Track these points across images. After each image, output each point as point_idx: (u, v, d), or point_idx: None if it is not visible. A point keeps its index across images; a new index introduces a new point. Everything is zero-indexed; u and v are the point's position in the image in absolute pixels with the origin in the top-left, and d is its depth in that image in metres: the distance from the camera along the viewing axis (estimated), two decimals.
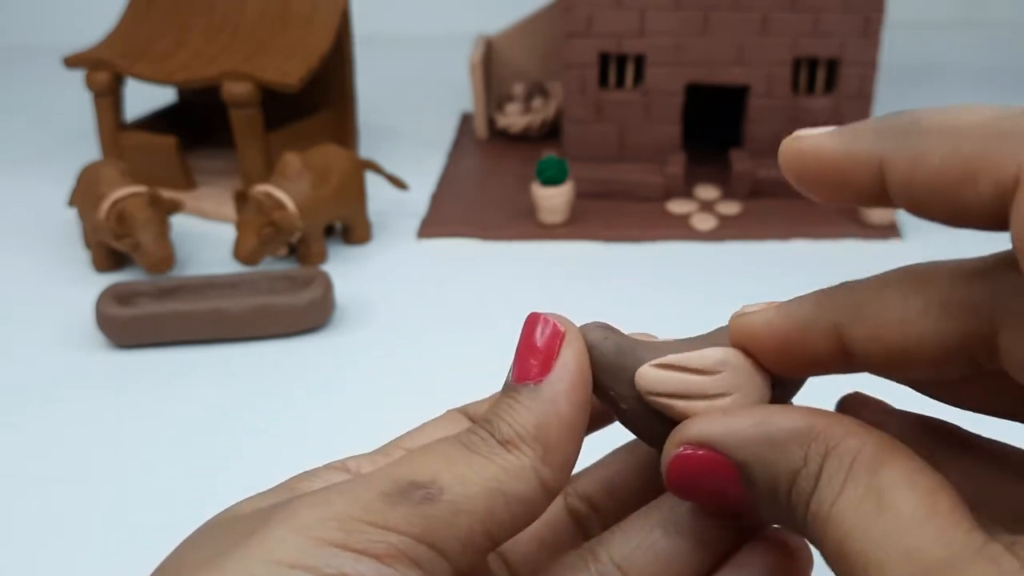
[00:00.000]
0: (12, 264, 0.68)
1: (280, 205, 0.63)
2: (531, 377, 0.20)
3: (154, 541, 0.25)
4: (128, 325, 0.56)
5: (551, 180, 0.69)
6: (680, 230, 0.70)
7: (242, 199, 0.64)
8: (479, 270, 0.66)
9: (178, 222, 0.71)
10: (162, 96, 0.86)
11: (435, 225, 0.72)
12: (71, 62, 0.78)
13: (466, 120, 0.94)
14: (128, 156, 0.76)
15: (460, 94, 0.98)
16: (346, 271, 0.65)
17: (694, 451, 0.20)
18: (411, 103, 1.00)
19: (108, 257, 0.65)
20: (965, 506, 0.17)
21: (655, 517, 0.21)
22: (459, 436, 0.20)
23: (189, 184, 0.77)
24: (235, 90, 0.71)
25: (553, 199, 0.69)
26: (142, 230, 0.62)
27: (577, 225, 0.71)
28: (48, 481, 0.46)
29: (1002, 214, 0.16)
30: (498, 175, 0.81)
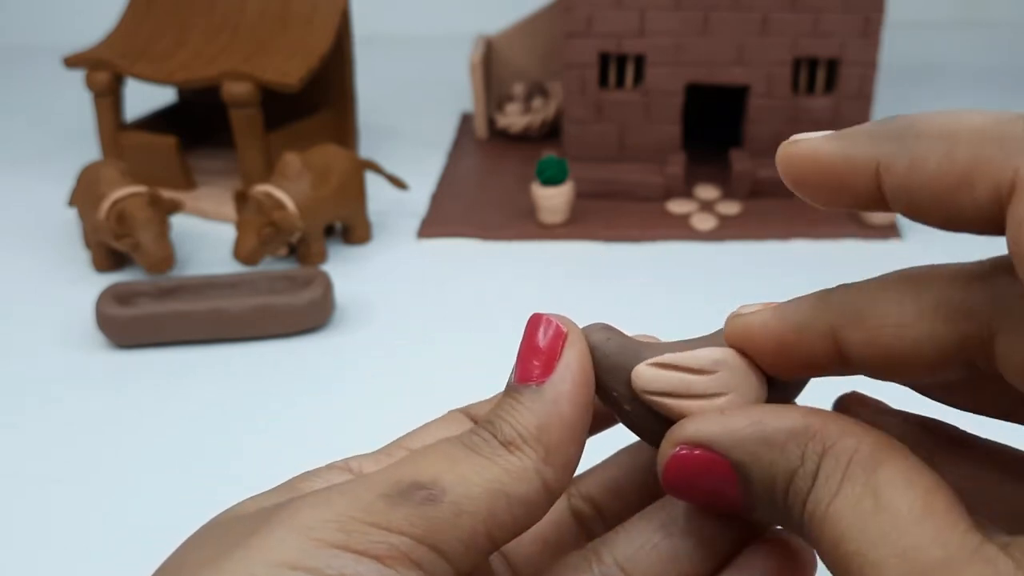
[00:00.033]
0: (12, 264, 0.68)
1: (280, 205, 0.63)
2: (533, 378, 0.20)
3: (154, 541, 0.25)
4: (128, 325, 0.56)
5: (551, 180, 0.69)
6: (680, 230, 0.70)
7: (242, 199, 0.64)
8: (479, 270, 0.66)
9: (178, 222, 0.70)
10: (162, 96, 0.86)
11: (435, 225, 0.72)
12: (71, 62, 0.78)
13: (466, 120, 0.94)
14: (128, 156, 0.76)
15: (460, 94, 0.98)
16: (346, 271, 0.65)
17: (690, 451, 0.20)
18: (411, 103, 1.00)
19: (108, 257, 0.65)
20: (961, 506, 0.17)
21: (659, 518, 0.21)
22: (461, 437, 0.20)
23: (189, 184, 0.77)
24: (235, 90, 0.71)
25: (553, 199, 0.69)
26: (142, 230, 0.62)
27: (577, 225, 0.71)
28: (48, 481, 0.46)
29: (998, 219, 0.16)
30: (498, 175, 0.81)
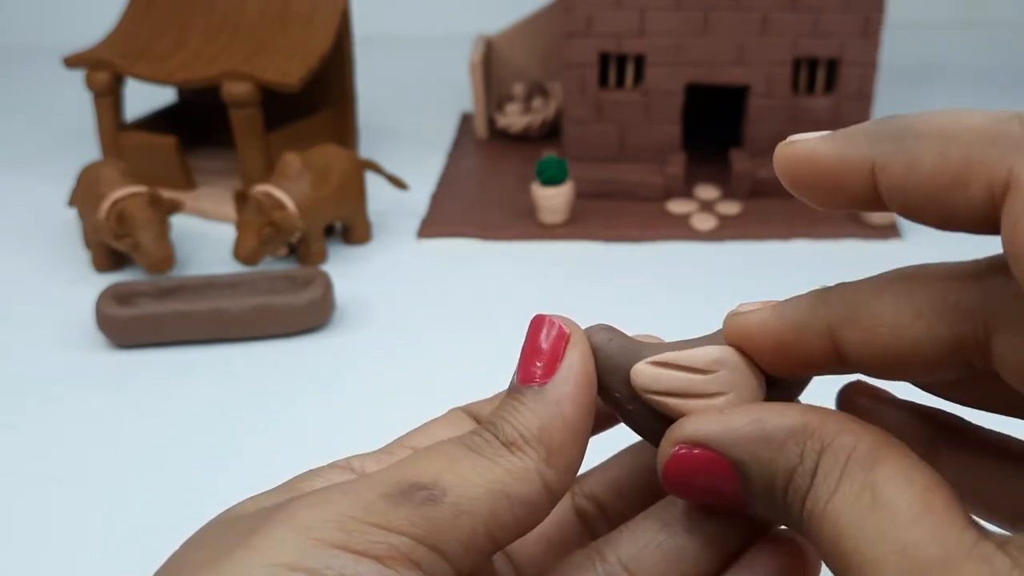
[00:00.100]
0: (12, 264, 0.68)
1: (280, 205, 0.63)
2: (536, 379, 0.20)
3: (154, 541, 0.25)
4: (128, 325, 0.56)
5: (551, 180, 0.69)
6: (680, 230, 0.70)
7: (242, 199, 0.64)
8: (479, 270, 0.66)
9: (178, 222, 0.70)
10: (162, 96, 0.86)
11: (435, 225, 0.72)
12: (71, 62, 0.78)
13: (466, 120, 0.94)
14: (128, 156, 0.76)
15: (460, 94, 0.98)
16: (346, 271, 0.65)
17: (689, 450, 0.20)
18: (411, 103, 1.00)
19: (108, 257, 0.65)
20: (959, 503, 0.17)
21: (663, 517, 0.21)
22: (462, 438, 0.20)
23: (189, 184, 0.77)
24: (235, 90, 0.71)
25: (553, 199, 0.69)
26: (142, 230, 0.62)
27: (577, 225, 0.71)
28: (48, 481, 0.46)
29: (993, 218, 0.16)
30: (498, 175, 0.81)
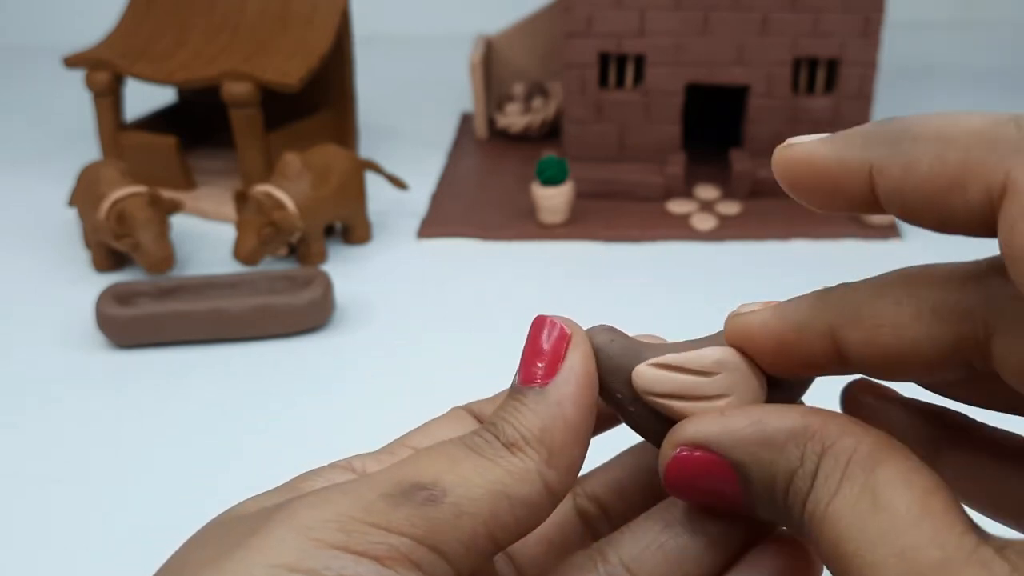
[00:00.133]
0: (12, 264, 0.68)
1: (280, 205, 0.63)
2: (537, 380, 0.20)
3: (154, 541, 0.25)
4: (128, 325, 0.56)
5: (551, 180, 0.69)
6: (680, 230, 0.70)
7: (242, 199, 0.64)
8: (479, 270, 0.66)
9: (178, 222, 0.70)
10: (162, 96, 0.86)
11: (435, 225, 0.72)
12: (71, 62, 0.78)
13: (466, 120, 0.94)
14: (128, 156, 0.76)
15: (460, 94, 0.98)
16: (346, 271, 0.65)
17: (691, 452, 0.20)
18: (411, 103, 1.00)
19: (108, 257, 0.65)
20: (959, 506, 0.17)
21: (664, 517, 0.21)
22: (463, 438, 0.20)
23: (189, 184, 0.77)
24: (235, 90, 0.71)
25: (553, 199, 0.69)
26: (142, 230, 0.62)
27: (577, 225, 0.71)
28: (48, 481, 0.46)
29: (991, 221, 0.16)
30: (498, 175, 0.81)
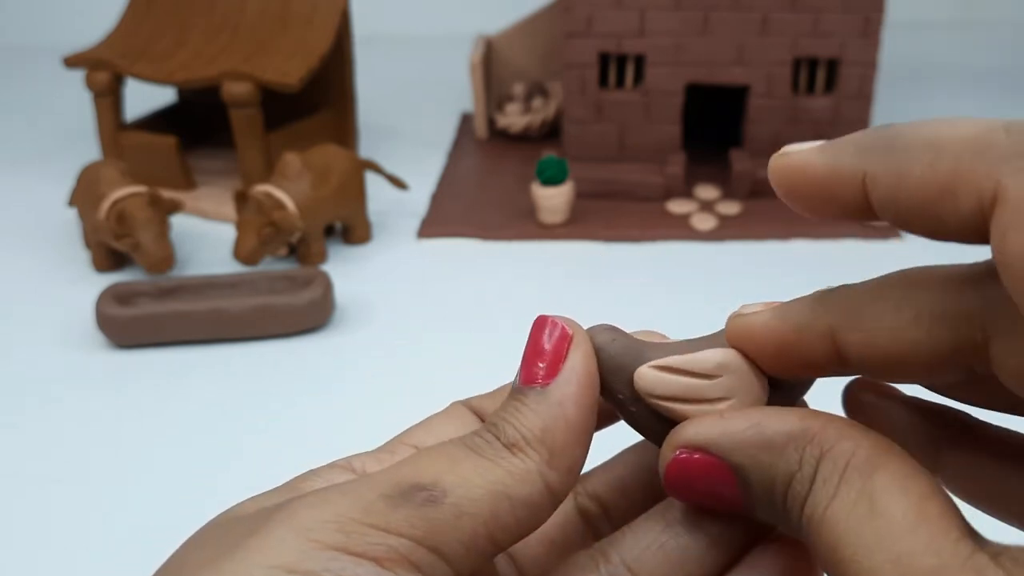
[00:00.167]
0: (12, 264, 0.68)
1: (280, 205, 0.63)
2: (538, 380, 0.20)
3: (154, 541, 0.25)
4: (128, 325, 0.56)
5: (551, 180, 0.69)
6: (680, 230, 0.70)
7: (242, 199, 0.64)
8: (479, 270, 0.66)
9: (178, 222, 0.70)
10: (162, 96, 0.86)
11: (435, 225, 0.72)
12: (71, 62, 0.78)
13: (466, 120, 0.94)
14: (128, 156, 0.76)
15: (460, 94, 0.98)
16: (346, 271, 0.65)
17: (690, 454, 0.20)
18: (411, 103, 1.00)
19: (108, 257, 0.65)
20: (956, 512, 0.17)
21: (666, 517, 0.21)
22: (464, 439, 0.20)
23: (189, 184, 0.77)
24: (235, 90, 0.71)
25: (553, 199, 0.69)
26: (142, 230, 0.62)
27: (577, 225, 0.71)
28: (48, 481, 0.46)
29: (983, 229, 0.16)
30: (498, 175, 0.81)
